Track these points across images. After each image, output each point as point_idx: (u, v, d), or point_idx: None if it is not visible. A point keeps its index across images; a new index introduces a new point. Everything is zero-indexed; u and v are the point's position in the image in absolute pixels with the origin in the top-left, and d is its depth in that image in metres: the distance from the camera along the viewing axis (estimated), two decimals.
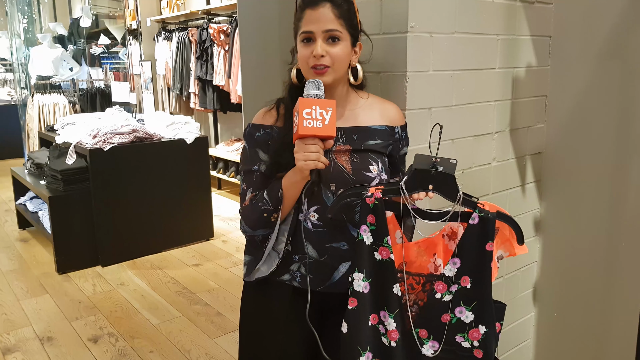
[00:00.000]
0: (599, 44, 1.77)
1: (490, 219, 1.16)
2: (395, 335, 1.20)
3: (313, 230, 1.28)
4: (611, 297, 1.84)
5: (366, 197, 1.18)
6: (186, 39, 5.65)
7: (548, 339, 2.05)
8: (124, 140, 3.92)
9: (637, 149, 1.70)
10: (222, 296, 3.39)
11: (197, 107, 5.64)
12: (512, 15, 1.71)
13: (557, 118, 1.92)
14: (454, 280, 1.19)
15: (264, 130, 1.31)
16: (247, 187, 1.32)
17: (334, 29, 1.20)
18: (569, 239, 1.93)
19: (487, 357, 1.18)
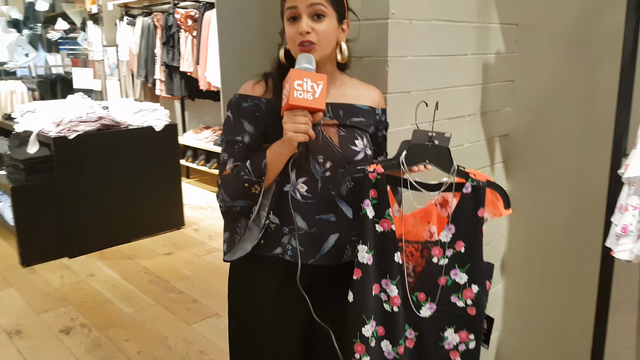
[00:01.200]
0: (563, 32, 1.86)
1: (481, 187, 1.25)
2: (397, 301, 1.27)
3: (302, 201, 1.29)
4: (572, 268, 1.96)
5: (369, 173, 1.24)
6: (151, 24, 5.55)
7: (515, 308, 2.17)
8: (90, 128, 3.85)
9: (597, 132, 1.81)
10: (197, 283, 3.40)
11: (164, 94, 5.56)
12: (483, 4, 1.78)
13: (523, 102, 2.01)
14: (449, 245, 1.27)
15: (252, 101, 1.31)
16: (229, 156, 1.31)
17: (318, 3, 1.21)
18: (534, 215, 2.04)
19: (479, 313, 1.27)
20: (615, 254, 1.46)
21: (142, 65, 5.75)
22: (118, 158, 4.01)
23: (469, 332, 1.28)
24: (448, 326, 1.29)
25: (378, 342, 1.29)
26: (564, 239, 1.97)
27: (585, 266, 1.87)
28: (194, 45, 5.01)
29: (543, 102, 1.96)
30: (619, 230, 1.44)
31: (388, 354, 1.29)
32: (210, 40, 4.73)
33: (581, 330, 1.88)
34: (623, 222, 1.43)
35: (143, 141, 4.13)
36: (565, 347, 2.03)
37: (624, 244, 1.43)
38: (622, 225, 1.43)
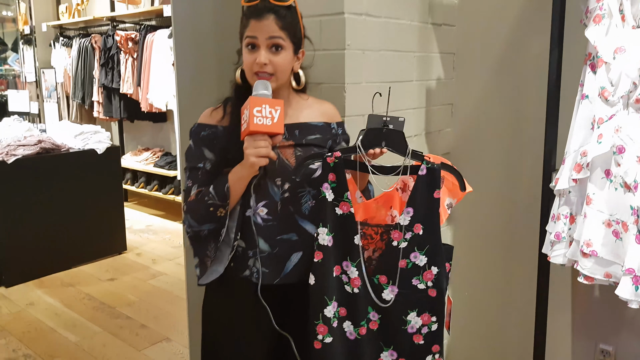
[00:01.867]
0: (495, 60, 2.05)
1: (436, 169, 1.29)
2: (357, 282, 1.32)
3: (263, 224, 1.34)
4: (513, 275, 2.13)
5: (327, 157, 1.30)
6: (89, 45, 5.45)
7: (462, 316, 2.31)
8: (29, 152, 3.74)
9: (527, 148, 2.00)
10: (144, 308, 3.34)
11: (101, 115, 5.45)
12: (424, 36, 1.94)
13: (461, 123, 2.19)
14: (408, 228, 1.29)
15: (209, 129, 1.36)
16: (192, 183, 1.35)
17: (277, 37, 1.27)
18: (475, 227, 2.21)
19: (440, 295, 1.31)
20: (551, 259, 1.63)
21: (79, 87, 5.62)
22: (58, 182, 3.90)
23: (430, 315, 1.31)
24: (411, 310, 1.31)
25: (340, 323, 1.33)
26: (504, 248, 2.14)
27: (524, 272, 2.04)
28: (135, 67, 4.97)
29: (479, 123, 2.14)
30: (553, 238, 1.61)
31: (350, 335, 1.34)
32: (153, 62, 4.72)
33: (523, 331, 2.04)
34: (556, 230, 1.60)
35: (84, 164, 4.04)
36: (510, 349, 2.19)
37: (558, 249, 1.60)
38: (555, 232, 1.60)
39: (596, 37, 1.49)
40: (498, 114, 2.08)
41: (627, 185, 1.41)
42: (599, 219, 1.47)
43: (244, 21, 1.31)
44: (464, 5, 2.09)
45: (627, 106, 1.45)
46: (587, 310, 1.95)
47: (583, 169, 1.51)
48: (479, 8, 2.05)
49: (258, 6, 1.27)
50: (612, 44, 1.47)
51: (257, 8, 1.27)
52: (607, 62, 1.48)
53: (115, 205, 4.29)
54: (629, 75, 1.43)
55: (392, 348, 1.34)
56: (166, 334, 3.00)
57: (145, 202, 5.89)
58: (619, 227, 1.43)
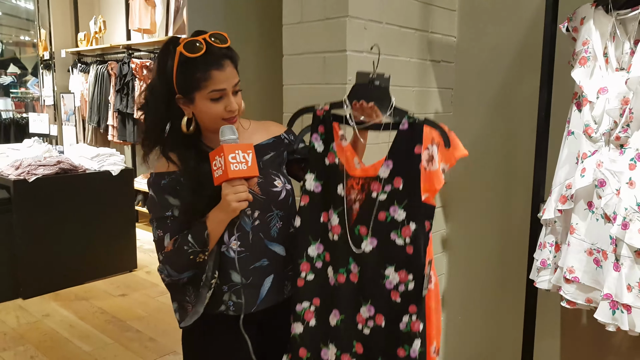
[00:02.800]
0: (489, 96, 2.18)
1: (417, 124, 1.28)
2: (337, 230, 1.36)
3: (237, 257, 1.34)
4: (503, 299, 2.22)
5: (317, 110, 1.38)
6: (105, 72, 5.67)
7: (455, 339, 2.39)
8: (48, 172, 3.90)
9: (518, 180, 2.11)
10: (152, 323, 3.46)
11: (116, 139, 5.63)
12: (423, 72, 2.08)
13: None
14: (387, 180, 1.30)
15: (169, 176, 1.33)
16: (163, 232, 1.32)
17: (238, 82, 1.30)
18: (468, 254, 2.31)
19: (417, 253, 1.27)
20: (537, 285, 1.73)
21: (95, 112, 5.82)
22: (74, 201, 4.06)
23: (407, 272, 1.28)
24: (389, 264, 1.30)
25: (325, 267, 1.39)
26: (496, 274, 2.24)
27: (513, 297, 2.13)
28: None
29: (474, 155, 2.23)
30: (539, 264, 1.71)
31: (330, 280, 1.39)
32: None
33: (514, 354, 2.12)
34: (542, 257, 1.71)
35: (99, 185, 4.20)
36: None
37: (543, 275, 1.70)
38: (541, 259, 1.71)
39: (581, 78, 1.60)
40: (492, 146, 2.19)
41: (607, 217, 1.52)
42: (582, 247, 1.57)
43: (199, 73, 1.25)
44: (461, 44, 2.23)
45: (609, 143, 1.56)
46: (575, 336, 2.03)
47: (568, 201, 1.62)
48: (476, 47, 2.19)
49: (214, 53, 1.26)
50: (595, 85, 1.58)
51: (213, 56, 1.26)
52: (591, 102, 1.59)
53: (127, 225, 4.43)
54: (610, 114, 1.54)
55: (370, 303, 1.34)
56: (173, 347, 3.11)
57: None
58: (599, 255, 1.54)
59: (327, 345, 1.41)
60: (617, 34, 1.59)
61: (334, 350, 1.40)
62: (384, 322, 1.33)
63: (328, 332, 1.41)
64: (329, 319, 1.40)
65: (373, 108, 1.35)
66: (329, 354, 1.41)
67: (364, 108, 1.35)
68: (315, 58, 1.79)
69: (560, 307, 2.02)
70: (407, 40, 1.98)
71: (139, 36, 5.60)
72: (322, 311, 1.41)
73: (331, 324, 1.40)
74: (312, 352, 1.42)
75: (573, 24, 1.67)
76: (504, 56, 2.12)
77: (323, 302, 1.41)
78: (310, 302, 1.41)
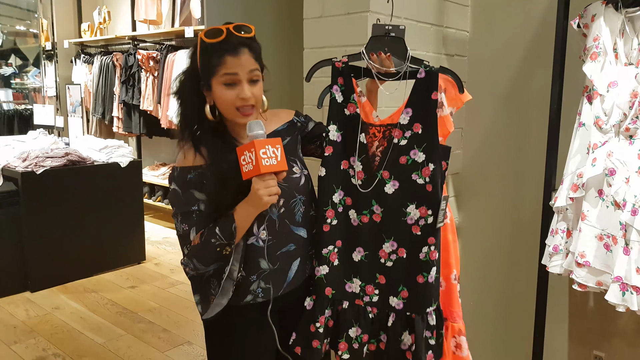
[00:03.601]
0: (502, 89, 2.26)
1: (433, 72, 1.40)
2: (361, 175, 1.47)
3: (264, 245, 1.38)
4: (515, 284, 2.31)
5: (335, 62, 1.47)
6: (110, 63, 5.70)
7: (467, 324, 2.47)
8: (56, 164, 3.94)
9: (530, 170, 2.19)
10: (164, 314, 3.52)
11: (121, 131, 5.67)
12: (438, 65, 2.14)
13: (470, 146, 2.38)
14: (407, 127, 1.42)
15: (195, 171, 1.33)
16: (189, 227, 1.33)
17: (255, 69, 1.30)
18: (481, 242, 2.39)
19: (435, 190, 1.41)
20: (549, 269, 1.81)
21: (100, 103, 5.85)
22: (82, 193, 4.10)
23: (427, 208, 1.41)
24: (410, 202, 1.43)
25: (346, 210, 1.50)
26: (507, 260, 2.33)
27: (526, 282, 2.22)
28: (155, 85, 5.21)
29: (487, 146, 2.34)
30: (551, 250, 1.80)
31: (353, 221, 1.50)
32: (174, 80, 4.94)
33: (524, 337, 2.21)
34: (554, 243, 1.79)
35: (108, 177, 4.25)
36: (511, 353, 2.35)
37: (555, 260, 1.79)
38: (553, 245, 1.79)
39: (592, 72, 1.68)
40: (504, 138, 2.27)
41: (617, 204, 1.60)
42: (592, 233, 1.65)
43: (214, 59, 1.28)
44: (474, 38, 2.30)
45: (618, 134, 1.64)
46: (583, 319, 2.12)
47: (579, 189, 1.70)
48: (488, 41, 2.27)
49: (231, 41, 1.27)
50: (606, 79, 1.66)
51: (230, 43, 1.27)
52: (602, 95, 1.66)
53: (135, 217, 4.48)
54: (619, 106, 1.62)
55: (392, 239, 1.47)
56: (187, 337, 3.17)
57: (161, 215, 6.08)
58: (609, 240, 1.62)
59: (351, 280, 1.53)
60: (626, 30, 1.67)
61: (358, 283, 1.52)
62: (405, 254, 1.46)
63: (352, 267, 1.53)
64: (352, 256, 1.52)
65: (390, 58, 1.44)
66: (353, 287, 1.53)
67: (382, 59, 1.43)
68: (337, 52, 1.85)
69: (569, 292, 2.12)
70: (424, 35, 2.05)
71: (144, 27, 5.63)
72: (345, 251, 1.52)
73: (355, 260, 1.52)
74: (337, 289, 1.53)
75: (584, 20, 1.75)
76: (516, 50, 2.19)
77: (345, 242, 1.52)
78: (334, 245, 1.51)
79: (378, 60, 1.45)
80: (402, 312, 1.48)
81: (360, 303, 1.53)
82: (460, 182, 2.41)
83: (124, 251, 4.43)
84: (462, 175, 2.41)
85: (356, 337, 1.51)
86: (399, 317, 1.49)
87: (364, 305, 1.53)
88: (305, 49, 1.99)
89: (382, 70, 1.46)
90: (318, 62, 1.51)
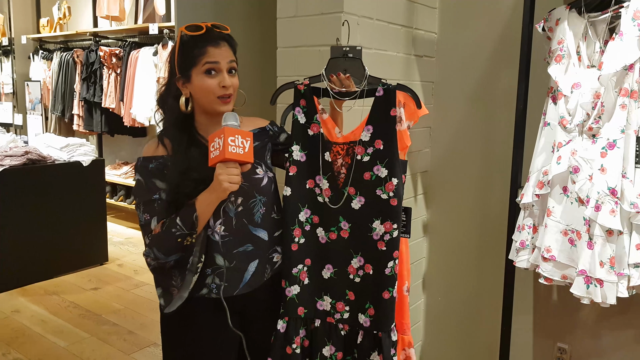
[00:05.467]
0: (469, 89, 2.31)
1: (391, 90, 1.47)
2: (328, 193, 1.52)
3: (220, 241, 1.39)
4: (482, 280, 2.37)
5: (298, 85, 1.51)
6: (70, 59, 5.55)
7: (435, 319, 2.53)
8: (15, 162, 3.82)
9: (497, 168, 2.25)
10: (129, 316, 3.45)
11: (81, 129, 5.53)
12: (407, 65, 2.19)
13: (438, 144, 2.43)
14: (369, 143, 1.48)
15: (157, 161, 1.38)
16: (150, 216, 1.36)
17: (234, 60, 1.37)
18: (449, 237, 2.44)
19: (399, 202, 1.48)
20: (516, 264, 1.87)
21: (59, 100, 5.68)
22: (43, 193, 3.98)
23: (392, 222, 1.47)
24: (375, 218, 1.48)
25: (313, 229, 1.53)
26: (474, 256, 2.39)
27: (492, 277, 2.28)
28: (118, 83, 5.10)
29: (454, 144, 2.39)
30: (518, 245, 1.85)
31: (321, 239, 1.54)
32: (137, 77, 4.86)
33: (491, 331, 2.28)
34: (521, 239, 1.85)
35: (69, 176, 4.13)
36: (479, 347, 2.42)
37: (522, 255, 1.85)
38: (520, 241, 1.85)
39: (557, 74, 1.75)
40: (471, 137, 2.33)
41: (581, 200, 1.67)
42: (557, 228, 1.72)
43: (196, 50, 1.34)
44: (442, 39, 2.35)
45: (582, 133, 1.71)
46: (547, 312, 2.20)
47: (544, 186, 1.76)
48: (456, 43, 2.32)
49: (213, 34, 1.35)
50: (570, 80, 1.73)
51: (212, 36, 1.35)
52: (566, 96, 1.73)
53: (97, 217, 4.38)
54: (583, 107, 1.69)
55: (360, 254, 1.51)
56: (153, 339, 3.11)
57: (123, 215, 5.96)
58: (574, 235, 1.69)
59: (321, 297, 1.56)
60: (588, 34, 1.74)
61: (328, 300, 1.55)
62: (372, 270, 1.51)
63: (322, 285, 1.55)
64: (321, 273, 1.55)
65: (349, 78, 1.50)
66: (324, 304, 1.56)
67: (341, 79, 1.50)
68: (311, 51, 1.86)
69: (533, 286, 2.19)
70: (394, 36, 2.08)
71: (106, 23, 5.50)
72: (315, 269, 1.55)
73: (324, 277, 1.55)
74: (309, 308, 1.55)
75: (549, 24, 1.81)
76: (483, 52, 2.25)
77: (315, 260, 1.55)
78: (303, 263, 1.54)
79: (338, 81, 1.52)
80: (370, 330, 1.52)
81: (331, 321, 1.56)
82: (429, 180, 2.46)
83: (86, 252, 4.31)
84: (430, 173, 2.46)
85: (330, 356, 1.54)
86: (367, 335, 1.53)
87: (335, 322, 1.56)
88: (279, 48, 1.99)
89: (342, 90, 1.52)
90: (281, 85, 1.57)
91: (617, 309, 1.81)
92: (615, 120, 1.63)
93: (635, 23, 1.59)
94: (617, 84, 1.62)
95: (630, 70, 1.60)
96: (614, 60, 1.61)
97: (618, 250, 1.62)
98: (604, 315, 2.04)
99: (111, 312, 3.49)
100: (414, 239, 2.40)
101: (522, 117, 1.92)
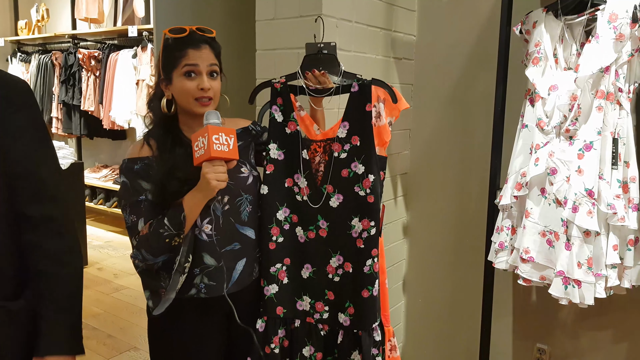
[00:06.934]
0: (447, 92, 2.32)
1: (366, 84, 1.45)
2: (306, 191, 1.50)
3: (208, 240, 1.38)
4: (461, 281, 2.37)
5: (274, 83, 1.50)
6: (49, 62, 5.46)
7: (415, 321, 2.53)
8: None
9: (475, 169, 2.26)
10: (109, 320, 3.40)
11: (60, 132, 5.44)
12: (386, 68, 2.19)
13: (417, 146, 2.44)
14: (346, 140, 1.46)
15: (142, 162, 1.37)
16: (137, 217, 1.35)
17: (215, 63, 1.37)
18: (429, 240, 2.45)
19: (376, 199, 1.47)
20: (495, 265, 1.87)
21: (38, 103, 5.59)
22: None
23: (369, 220, 1.46)
24: (354, 215, 1.47)
25: (292, 228, 1.52)
26: (454, 257, 2.39)
27: (471, 278, 2.29)
28: (97, 85, 5.03)
29: (434, 146, 2.40)
30: (497, 246, 1.86)
31: (300, 238, 1.53)
32: (116, 80, 4.80)
33: (471, 331, 2.28)
34: (500, 240, 1.86)
35: None
36: (459, 348, 2.42)
37: (501, 257, 1.85)
38: (499, 242, 1.86)
39: (534, 76, 1.76)
40: (450, 138, 2.34)
41: (559, 201, 1.68)
42: (536, 229, 1.73)
43: (175, 52, 1.35)
44: (421, 42, 2.36)
45: (559, 135, 1.72)
46: (526, 313, 2.21)
47: (522, 188, 1.77)
48: (434, 45, 2.33)
49: (194, 37, 1.35)
50: (547, 83, 1.74)
51: (193, 39, 1.35)
52: (543, 98, 1.74)
53: (77, 221, 4.30)
54: (560, 109, 1.71)
55: (339, 253, 1.51)
56: (133, 343, 3.08)
57: (102, 218, 5.88)
58: (552, 236, 1.70)
59: (301, 297, 1.55)
60: (565, 37, 1.75)
61: (308, 300, 1.54)
62: (351, 268, 1.50)
63: (301, 285, 1.54)
64: (300, 273, 1.54)
65: (325, 75, 1.49)
66: (303, 305, 1.55)
67: (316, 76, 1.49)
68: (289, 54, 1.85)
69: (512, 287, 2.21)
70: (374, 39, 2.08)
71: (85, 26, 5.43)
72: (293, 268, 1.54)
73: (303, 277, 1.54)
74: (288, 308, 1.54)
75: (526, 27, 1.83)
76: (461, 54, 2.26)
77: (294, 259, 1.54)
78: (282, 263, 1.52)
79: (314, 78, 1.51)
80: (350, 329, 1.51)
81: (311, 321, 1.55)
82: (408, 181, 2.46)
83: None
84: (409, 175, 2.46)
85: (310, 356, 1.53)
86: (347, 334, 1.52)
87: (314, 322, 1.55)
88: (258, 51, 1.98)
89: (319, 87, 1.51)
90: (258, 85, 1.56)
91: (595, 310, 1.83)
92: (591, 122, 1.64)
93: (611, 26, 1.61)
94: (593, 86, 1.63)
95: (606, 72, 1.62)
96: (590, 63, 1.62)
97: (595, 251, 1.63)
98: (583, 316, 2.06)
99: (90, 316, 3.44)
100: (394, 241, 2.40)
101: (500, 119, 1.93)
